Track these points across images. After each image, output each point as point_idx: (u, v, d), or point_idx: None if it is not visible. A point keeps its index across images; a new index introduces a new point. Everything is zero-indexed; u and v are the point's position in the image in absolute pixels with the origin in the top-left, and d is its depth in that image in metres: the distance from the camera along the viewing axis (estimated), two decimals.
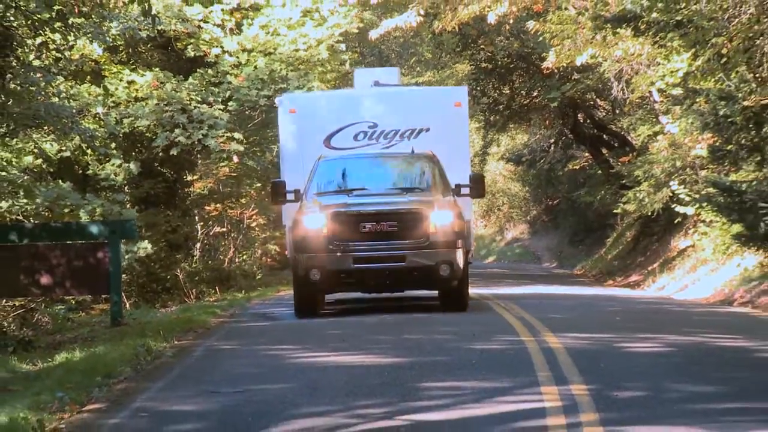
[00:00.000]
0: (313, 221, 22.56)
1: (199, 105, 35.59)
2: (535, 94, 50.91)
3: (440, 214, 22.76)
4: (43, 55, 24.37)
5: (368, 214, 22.74)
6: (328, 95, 32.92)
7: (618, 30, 33.51)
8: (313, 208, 22.93)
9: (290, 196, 24.02)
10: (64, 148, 31.51)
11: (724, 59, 29.17)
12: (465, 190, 24.42)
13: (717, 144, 33.97)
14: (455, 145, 26.43)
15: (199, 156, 39.04)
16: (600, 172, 54.74)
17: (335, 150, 26.08)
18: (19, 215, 27.97)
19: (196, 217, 40.75)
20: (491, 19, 35.07)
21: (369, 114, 26.90)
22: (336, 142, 26.48)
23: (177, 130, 35.27)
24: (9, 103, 23.46)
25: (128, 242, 30.21)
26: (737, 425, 11.37)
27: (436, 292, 24.43)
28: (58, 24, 23.97)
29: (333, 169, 24.87)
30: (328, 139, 26.45)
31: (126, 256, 31.02)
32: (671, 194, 38.81)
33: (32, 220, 27.52)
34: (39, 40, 23.44)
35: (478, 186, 24.69)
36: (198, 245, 40.83)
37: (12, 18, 21.22)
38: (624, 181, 44.42)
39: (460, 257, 22.84)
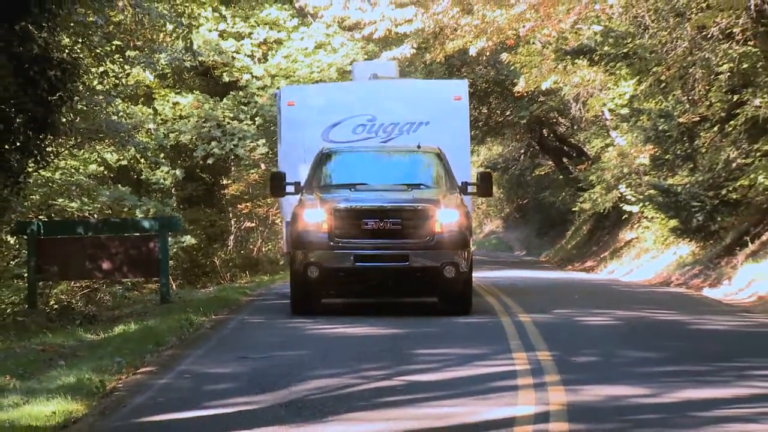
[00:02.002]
0: (313, 216, 17.95)
1: (231, 121, 35.71)
2: (508, 113, 50.85)
3: (446, 212, 17.96)
4: (105, 81, 24.38)
5: (371, 210, 17.94)
6: (327, 88, 29.14)
7: (576, 61, 33.62)
8: (313, 202, 18.24)
9: (290, 189, 19.39)
10: (122, 158, 31.59)
11: (663, 84, 29.22)
12: (472, 188, 19.90)
13: (657, 154, 34.08)
14: (455, 139, 21.85)
15: (232, 164, 39.03)
16: (561, 177, 54.73)
17: (333, 143, 21.60)
18: (85, 213, 27.99)
19: (230, 214, 40.74)
20: (472, 51, 35.06)
21: (367, 107, 22.30)
22: (334, 135, 22.01)
23: (213, 143, 35.42)
24: (77, 120, 23.49)
25: (175, 235, 30.19)
26: (673, 384, 11.37)
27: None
28: (116, 56, 24.03)
29: (335, 163, 20.20)
30: (326, 132, 22.04)
31: (174, 247, 31.07)
32: (620, 195, 38.90)
33: (96, 217, 27.51)
34: (101, 68, 23.45)
35: (485, 184, 19.94)
36: (232, 237, 40.82)
37: (79, 50, 21.20)
38: (581, 185, 44.48)
39: (465, 258, 18.06)
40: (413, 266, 17.84)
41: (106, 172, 31.59)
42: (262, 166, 37.84)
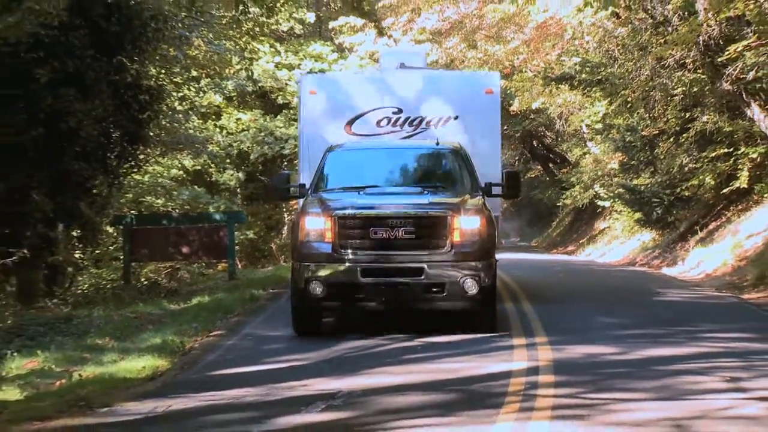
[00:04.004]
0: (316, 224, 12.63)
1: (280, 128, 35.72)
2: (505, 128, 50.62)
3: (467, 219, 12.59)
4: (183, 103, 24.45)
5: (380, 217, 12.54)
6: (351, 77, 23.91)
7: (559, 86, 33.50)
8: (316, 208, 12.83)
9: (294, 191, 14.27)
10: (197, 164, 31.64)
11: (629, 104, 29.13)
12: (497, 190, 13.89)
13: (625, 160, 33.97)
14: (486, 135, 16.69)
15: (285, 168, 39.05)
16: (548, 178, 54.61)
17: (356, 136, 16.53)
18: (168, 208, 28.08)
19: (284, 209, 40.78)
20: None
21: (394, 99, 16.84)
22: (357, 127, 16.66)
23: (265, 147, 35.38)
24: (161, 134, 23.57)
25: (240, 226, 30.17)
26: (637, 344, 11.33)
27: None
28: (193, 83, 24.09)
29: (343, 162, 14.40)
30: (349, 124, 16.66)
31: (240, 237, 31.12)
32: (595, 193, 38.81)
33: (177, 211, 27.59)
34: (180, 93, 23.51)
35: (512, 185, 14.02)
36: (285, 227, 40.86)
37: (163, 79, 21.28)
38: (563, 185, 44.39)
39: (488, 271, 12.60)
40: (428, 281, 12.49)
41: (184, 175, 31.66)
42: None
